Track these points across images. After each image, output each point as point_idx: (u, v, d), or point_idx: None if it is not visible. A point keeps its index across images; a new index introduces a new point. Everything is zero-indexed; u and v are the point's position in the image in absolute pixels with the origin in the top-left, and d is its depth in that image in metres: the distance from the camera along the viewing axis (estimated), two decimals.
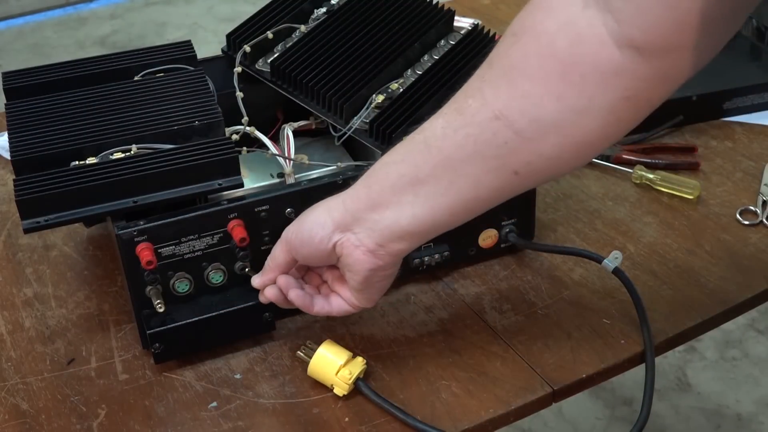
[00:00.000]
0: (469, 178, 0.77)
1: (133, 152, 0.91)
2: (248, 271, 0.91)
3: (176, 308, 0.90)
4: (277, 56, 1.04)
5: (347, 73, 1.00)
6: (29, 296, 1.02)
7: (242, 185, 0.91)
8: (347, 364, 0.87)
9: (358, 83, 0.99)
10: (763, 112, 1.27)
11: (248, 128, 0.98)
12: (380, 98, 0.99)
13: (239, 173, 0.90)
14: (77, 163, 0.91)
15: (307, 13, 1.09)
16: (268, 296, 0.88)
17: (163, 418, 0.86)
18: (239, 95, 0.99)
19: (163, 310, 0.88)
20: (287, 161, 0.96)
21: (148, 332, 0.88)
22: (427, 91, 0.99)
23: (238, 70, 1.02)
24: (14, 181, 0.87)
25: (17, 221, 1.11)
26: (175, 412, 0.87)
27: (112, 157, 0.91)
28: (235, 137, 0.96)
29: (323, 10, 1.10)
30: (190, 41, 1.08)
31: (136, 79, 1.03)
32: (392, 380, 0.89)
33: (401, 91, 1.00)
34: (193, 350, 0.92)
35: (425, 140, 0.78)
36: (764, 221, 1.08)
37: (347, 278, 0.85)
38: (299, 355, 0.89)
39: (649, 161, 1.17)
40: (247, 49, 1.03)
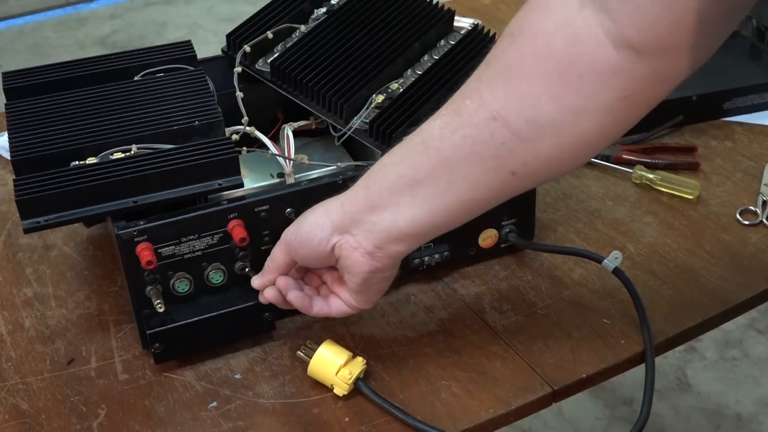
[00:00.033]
0: (467, 179, 0.77)
1: (133, 152, 0.91)
2: (248, 271, 0.91)
3: (176, 308, 0.90)
4: (277, 56, 1.04)
5: (347, 73, 1.00)
6: (29, 296, 1.02)
7: (242, 185, 0.91)
8: (347, 364, 0.87)
9: (358, 83, 0.99)
10: (763, 112, 1.27)
11: (248, 128, 0.98)
12: (380, 98, 0.99)
13: (239, 173, 0.90)
14: (77, 163, 0.91)
15: (307, 13, 1.09)
16: (267, 297, 0.89)
17: (163, 418, 0.86)
18: (239, 95, 0.99)
19: (163, 310, 0.88)
20: (287, 161, 0.96)
21: (148, 332, 0.88)
22: (427, 91, 0.99)
23: (238, 70, 1.02)
24: (14, 181, 0.87)
25: (17, 221, 1.11)
26: (175, 412, 0.87)
27: (112, 157, 0.91)
28: (235, 137, 0.96)
29: (323, 10, 1.10)
30: (190, 41, 1.08)
31: (136, 79, 1.03)
32: (392, 380, 0.89)
33: (401, 91, 1.00)
34: (193, 350, 0.92)
35: (423, 141, 0.78)
36: (764, 221, 1.08)
37: (346, 280, 0.85)
38: (299, 355, 0.89)
39: (649, 161, 1.17)
40: (247, 49, 1.03)
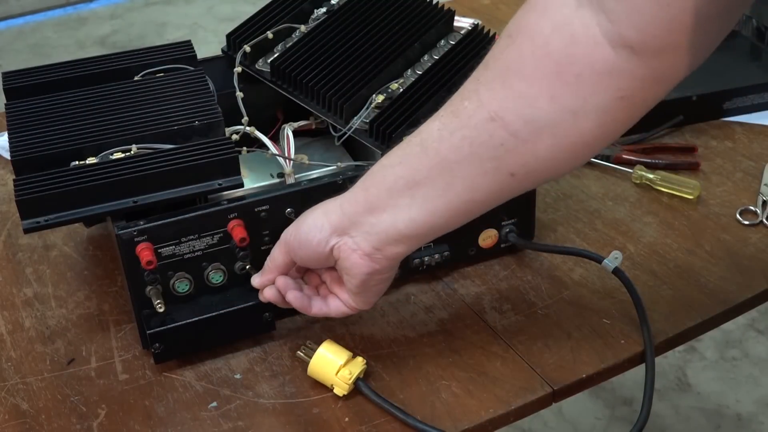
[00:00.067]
0: (465, 180, 0.77)
1: (133, 152, 0.91)
2: (249, 269, 0.91)
3: (176, 308, 0.90)
4: (277, 56, 1.04)
5: (347, 73, 1.00)
6: (29, 296, 1.02)
7: (242, 185, 0.91)
8: (347, 364, 0.87)
9: (358, 83, 0.99)
10: (763, 112, 1.27)
11: (248, 128, 0.98)
12: (380, 98, 0.99)
13: (239, 173, 0.90)
14: (77, 163, 0.91)
15: (307, 13, 1.09)
16: (266, 296, 0.89)
17: (163, 418, 0.86)
18: (239, 95, 0.99)
19: (163, 310, 0.88)
20: (287, 161, 0.96)
21: (148, 332, 0.88)
22: (427, 91, 0.99)
23: (238, 70, 1.02)
24: (14, 181, 0.87)
25: (17, 221, 1.11)
26: (175, 412, 0.87)
27: (112, 157, 0.91)
28: (235, 137, 0.96)
29: (323, 10, 1.10)
30: (190, 41, 1.08)
31: (136, 79, 1.03)
32: (392, 380, 0.89)
33: (401, 91, 1.00)
34: (193, 350, 0.92)
35: (422, 143, 0.78)
36: (764, 221, 1.08)
37: (345, 281, 0.85)
38: (299, 355, 0.89)
39: (649, 161, 1.17)
40: (247, 49, 1.03)
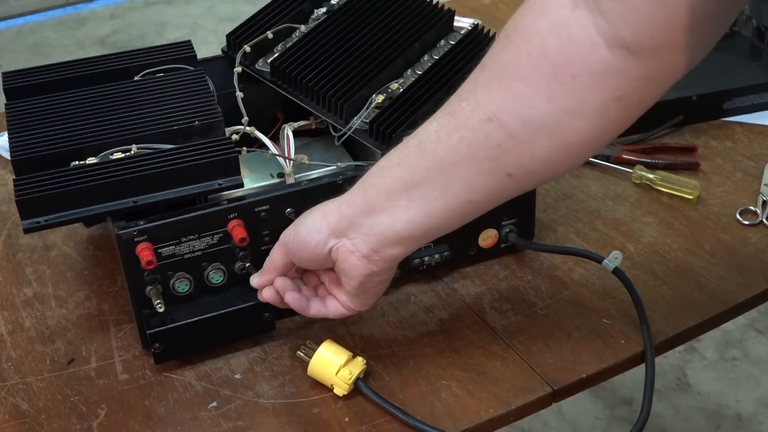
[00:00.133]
0: (463, 181, 0.77)
1: (133, 152, 0.91)
2: (249, 267, 0.91)
3: (176, 308, 0.90)
4: (277, 56, 1.04)
5: (347, 73, 1.00)
6: (29, 296, 1.02)
7: (242, 185, 0.91)
8: (347, 364, 0.87)
9: (358, 83, 0.99)
10: (763, 112, 1.27)
11: (248, 128, 0.98)
12: (380, 98, 0.99)
13: (239, 173, 0.90)
14: (77, 163, 0.91)
15: (307, 13, 1.09)
16: (265, 297, 0.89)
17: (163, 418, 0.86)
18: (239, 95, 0.99)
19: (163, 310, 0.88)
20: (287, 161, 0.96)
21: (148, 332, 0.88)
22: (427, 91, 0.99)
23: (238, 70, 1.02)
24: (14, 181, 0.87)
25: (17, 221, 1.11)
26: (175, 412, 0.87)
27: (112, 157, 0.91)
28: (235, 137, 0.96)
29: (323, 10, 1.10)
30: (190, 41, 1.08)
31: (136, 79, 1.02)
32: (392, 380, 0.89)
33: (401, 91, 1.00)
34: (193, 350, 0.92)
35: (419, 144, 0.78)
36: (764, 221, 1.08)
37: (343, 282, 0.85)
38: (299, 355, 0.89)
39: (649, 161, 1.17)
40: (247, 49, 1.03)
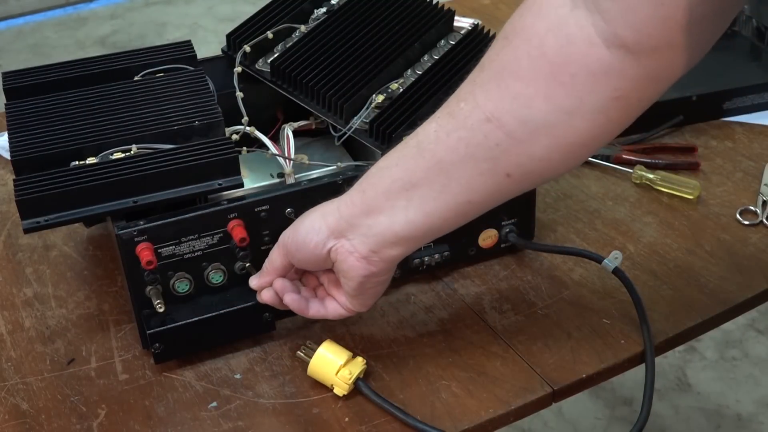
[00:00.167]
0: (461, 181, 0.77)
1: (133, 152, 0.91)
2: (249, 267, 0.91)
3: (176, 308, 0.90)
4: (277, 56, 1.04)
5: (347, 73, 1.00)
6: (29, 296, 1.02)
7: (242, 185, 0.91)
8: (347, 364, 0.87)
9: (358, 83, 0.99)
10: (763, 112, 1.27)
11: (248, 128, 0.98)
12: (380, 98, 0.99)
13: (239, 173, 0.90)
14: (77, 163, 0.91)
15: (307, 13, 1.09)
16: (264, 299, 0.89)
17: (163, 418, 0.86)
18: (239, 95, 0.99)
19: (163, 310, 0.88)
20: (287, 161, 0.96)
21: (148, 332, 0.88)
22: (427, 91, 0.99)
23: (238, 70, 1.02)
24: (14, 181, 0.87)
25: (17, 221, 1.11)
26: (175, 412, 0.87)
27: (112, 157, 0.91)
28: (235, 137, 0.96)
29: (323, 10, 1.10)
30: (190, 41, 1.08)
31: (136, 79, 1.03)
32: (392, 380, 0.89)
33: (401, 91, 1.00)
34: (193, 350, 0.92)
35: (418, 144, 0.78)
36: (764, 221, 1.08)
37: (342, 283, 0.85)
38: (299, 355, 0.89)
39: (649, 161, 1.17)
40: (247, 49, 1.03)
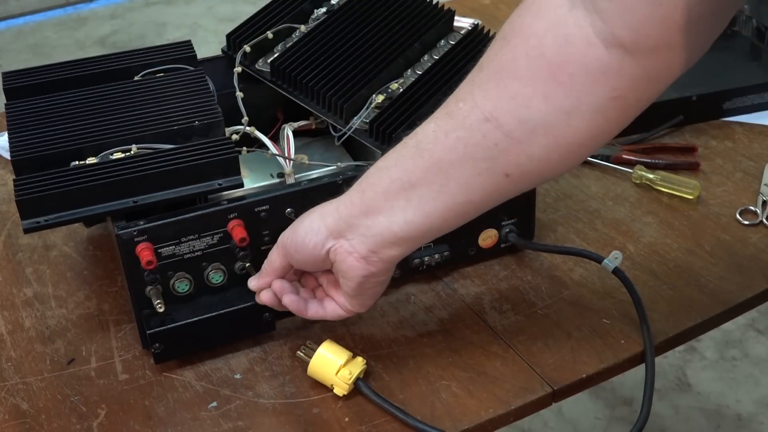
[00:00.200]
0: (460, 181, 0.77)
1: (133, 152, 0.91)
2: (249, 267, 0.91)
3: (176, 308, 0.90)
4: (277, 56, 1.04)
5: (347, 73, 1.00)
6: (29, 296, 1.02)
7: (242, 185, 0.91)
8: (347, 364, 0.87)
9: (358, 83, 0.99)
10: (763, 112, 1.27)
11: (248, 128, 0.98)
12: (380, 98, 0.99)
13: (239, 173, 0.90)
14: (77, 163, 0.91)
15: (307, 13, 1.09)
16: (263, 300, 0.89)
17: (163, 418, 0.86)
18: (239, 95, 0.99)
19: (163, 310, 0.88)
20: (287, 161, 0.96)
21: (148, 332, 0.88)
22: (427, 91, 0.99)
23: (238, 70, 1.02)
24: (14, 181, 0.87)
25: (17, 221, 1.11)
26: (175, 412, 0.87)
27: (112, 157, 0.91)
28: (235, 137, 0.96)
29: (323, 10, 1.10)
30: (190, 41, 1.08)
31: (136, 79, 1.03)
32: (392, 380, 0.89)
33: (401, 91, 1.00)
34: (193, 350, 0.92)
35: (417, 144, 0.78)
36: (764, 221, 1.08)
37: (341, 284, 0.85)
38: (299, 355, 0.89)
39: (649, 161, 1.17)
40: (247, 49, 1.03)
